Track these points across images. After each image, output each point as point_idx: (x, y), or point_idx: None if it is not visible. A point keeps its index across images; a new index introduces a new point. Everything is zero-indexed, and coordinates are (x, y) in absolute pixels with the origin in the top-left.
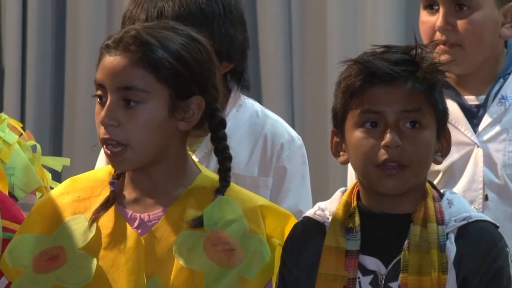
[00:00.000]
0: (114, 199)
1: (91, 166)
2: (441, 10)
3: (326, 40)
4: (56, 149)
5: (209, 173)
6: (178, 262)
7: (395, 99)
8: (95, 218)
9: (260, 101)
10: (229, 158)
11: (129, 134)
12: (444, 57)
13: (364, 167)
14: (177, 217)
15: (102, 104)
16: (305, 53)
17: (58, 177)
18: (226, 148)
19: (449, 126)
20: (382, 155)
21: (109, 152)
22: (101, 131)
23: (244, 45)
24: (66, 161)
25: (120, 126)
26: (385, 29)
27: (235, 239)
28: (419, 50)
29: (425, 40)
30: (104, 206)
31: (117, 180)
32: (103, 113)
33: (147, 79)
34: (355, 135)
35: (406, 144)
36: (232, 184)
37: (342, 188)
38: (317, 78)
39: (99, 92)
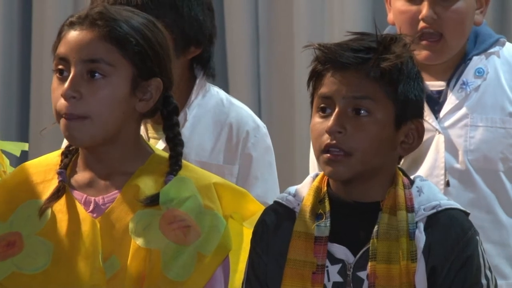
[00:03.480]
0: (64, 189)
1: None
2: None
3: (293, 29)
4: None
5: (162, 153)
6: (135, 242)
7: (344, 86)
8: (45, 208)
9: (227, 90)
10: (181, 144)
11: (91, 107)
12: (425, 53)
13: (315, 151)
14: (131, 197)
15: (63, 78)
16: (272, 41)
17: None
18: (179, 134)
19: None
20: (325, 140)
21: (69, 122)
22: (61, 104)
23: (212, 31)
24: (24, 146)
25: (82, 99)
26: (353, 17)
27: (190, 216)
28: (393, 41)
29: (405, 29)
30: (55, 197)
31: (64, 170)
32: (66, 85)
33: (114, 54)
34: (313, 119)
35: (350, 131)
36: (185, 163)
37: (313, 173)
38: (284, 67)
39: (60, 67)
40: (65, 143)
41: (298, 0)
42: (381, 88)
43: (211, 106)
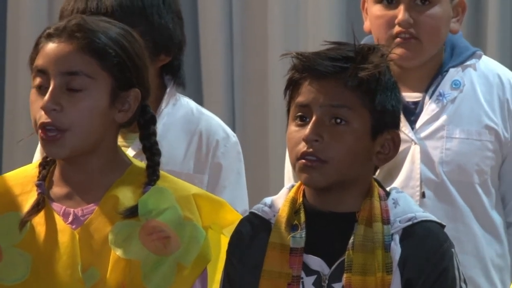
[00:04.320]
0: (44, 202)
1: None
2: (403, 4)
3: (268, 39)
4: None
5: (140, 164)
6: (115, 253)
7: (322, 94)
8: (25, 222)
9: (201, 100)
10: (158, 153)
11: (71, 119)
12: (400, 51)
13: (291, 160)
14: (110, 208)
15: (42, 91)
16: (246, 51)
17: None
18: (156, 144)
19: None
20: (302, 148)
21: (46, 137)
22: (41, 116)
23: (182, 39)
24: None
25: (62, 111)
26: (328, 27)
27: (170, 227)
28: (371, 50)
29: (381, 34)
30: (35, 210)
31: (43, 182)
32: (46, 97)
33: (92, 66)
34: (290, 128)
35: (327, 139)
36: (164, 174)
37: (289, 184)
38: (258, 77)
39: (38, 79)
40: (38, 153)
41: (272, 10)
42: (358, 98)
43: (181, 116)
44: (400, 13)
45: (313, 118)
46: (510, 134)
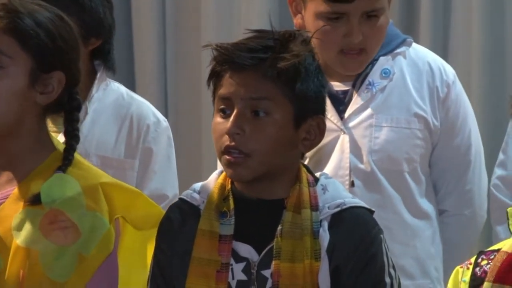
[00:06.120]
0: None
1: None
2: (354, 21)
3: (201, 25)
4: None
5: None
6: (15, 242)
7: (242, 86)
8: None
9: (133, 85)
10: (76, 139)
11: None
12: (347, 66)
13: (217, 152)
14: (23, 195)
15: None
16: (179, 37)
17: None
18: (77, 129)
19: None
20: (225, 141)
21: None
22: None
23: (112, 23)
24: None
25: None
26: (261, 14)
27: (71, 217)
28: (291, 37)
29: (332, 49)
30: None
31: None
32: None
33: (12, 46)
34: (215, 119)
35: (249, 132)
36: (80, 161)
37: (219, 170)
38: (191, 63)
39: None
40: None
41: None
42: (278, 88)
43: (112, 101)
44: (354, 32)
45: (235, 111)
46: (440, 121)
